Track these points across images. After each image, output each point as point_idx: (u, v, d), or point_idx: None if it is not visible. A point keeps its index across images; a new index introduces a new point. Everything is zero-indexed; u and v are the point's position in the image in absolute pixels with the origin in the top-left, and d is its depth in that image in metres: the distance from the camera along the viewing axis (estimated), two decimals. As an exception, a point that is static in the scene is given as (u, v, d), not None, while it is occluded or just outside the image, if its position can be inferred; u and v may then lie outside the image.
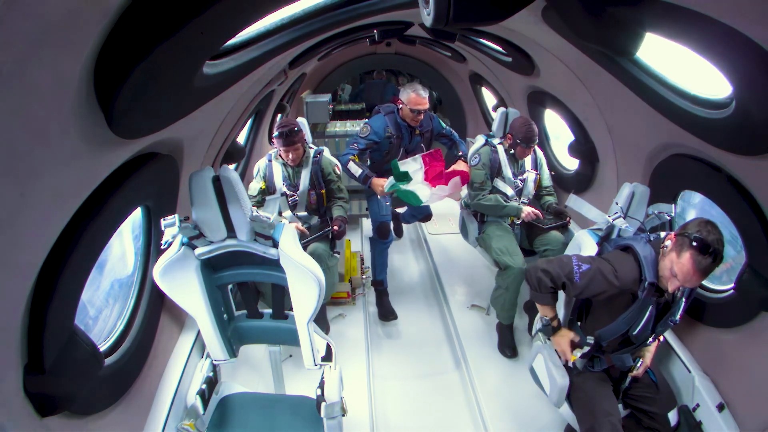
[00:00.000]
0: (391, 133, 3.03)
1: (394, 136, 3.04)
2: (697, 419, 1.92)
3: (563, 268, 1.78)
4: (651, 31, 1.40)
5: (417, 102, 2.91)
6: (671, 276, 1.61)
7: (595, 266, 1.74)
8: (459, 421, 2.59)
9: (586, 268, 1.74)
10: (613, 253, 1.84)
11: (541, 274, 1.82)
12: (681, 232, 1.60)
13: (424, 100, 2.91)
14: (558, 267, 1.80)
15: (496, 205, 2.88)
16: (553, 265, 1.81)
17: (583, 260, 1.79)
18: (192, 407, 1.83)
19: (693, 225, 1.59)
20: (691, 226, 1.59)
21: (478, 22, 1.87)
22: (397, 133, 3.05)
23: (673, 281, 1.61)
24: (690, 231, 1.57)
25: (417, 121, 2.99)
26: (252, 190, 2.82)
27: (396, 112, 3.05)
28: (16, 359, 1.08)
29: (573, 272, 1.75)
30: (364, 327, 3.21)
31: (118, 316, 1.74)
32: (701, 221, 1.59)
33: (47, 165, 0.93)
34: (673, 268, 1.59)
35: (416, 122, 2.99)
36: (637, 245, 1.75)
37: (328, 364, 1.90)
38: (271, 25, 1.54)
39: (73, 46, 0.79)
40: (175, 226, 1.56)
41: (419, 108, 2.92)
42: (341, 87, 7.95)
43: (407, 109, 2.96)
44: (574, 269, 1.75)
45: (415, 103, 2.91)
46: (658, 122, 1.89)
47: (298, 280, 1.69)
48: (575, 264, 1.76)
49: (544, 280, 1.81)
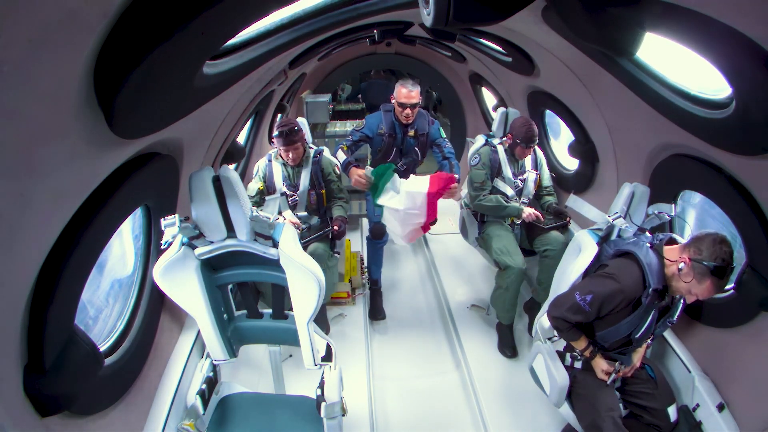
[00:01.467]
0: (384, 130, 3.03)
1: (386, 134, 3.04)
2: (697, 419, 1.92)
3: (570, 308, 1.79)
4: (651, 31, 1.40)
5: (404, 96, 2.89)
6: (689, 294, 1.63)
7: (598, 291, 1.74)
8: (459, 421, 2.59)
9: (590, 298, 1.74)
10: (613, 262, 1.83)
11: (553, 322, 1.87)
12: (696, 257, 1.57)
13: (412, 94, 2.89)
14: (565, 310, 1.81)
15: (497, 206, 2.87)
16: (560, 310, 1.83)
17: (583, 290, 1.78)
18: (192, 407, 1.83)
19: (707, 248, 1.56)
20: (704, 249, 1.56)
21: (478, 22, 1.87)
22: (389, 131, 3.04)
23: (690, 297, 1.65)
24: (705, 257, 1.55)
25: (406, 117, 2.95)
26: (250, 190, 2.82)
27: (393, 111, 3.05)
28: (16, 359, 1.08)
29: (580, 307, 1.76)
30: (364, 327, 3.21)
31: (118, 316, 1.74)
32: (714, 241, 1.56)
33: (47, 165, 0.93)
34: (692, 290, 1.61)
35: (406, 118, 2.96)
36: (639, 251, 1.74)
37: (328, 364, 1.90)
38: (271, 25, 1.54)
39: (73, 46, 0.79)
40: (175, 226, 1.56)
41: (406, 102, 2.89)
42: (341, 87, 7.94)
43: (396, 104, 2.96)
44: (580, 304, 1.76)
45: (401, 97, 2.90)
46: (658, 122, 1.89)
47: (298, 280, 1.69)
48: (579, 299, 1.77)
49: (561, 325, 1.84)
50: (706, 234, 1.60)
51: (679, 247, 1.69)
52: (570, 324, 1.83)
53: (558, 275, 2.09)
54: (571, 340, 1.90)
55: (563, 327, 1.84)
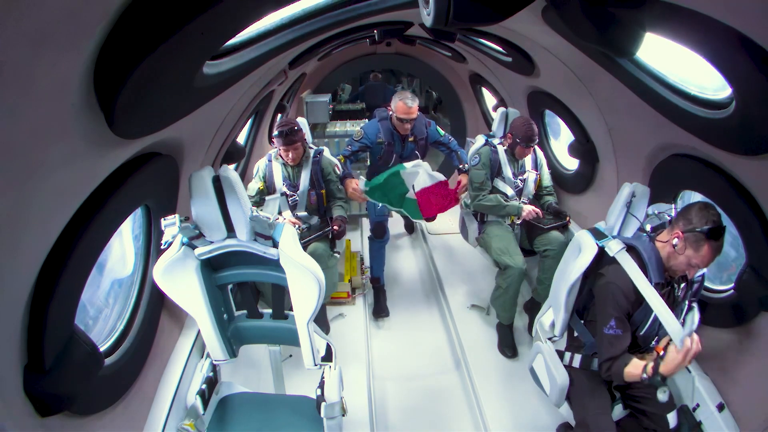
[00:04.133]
0: (383, 140, 3.06)
1: (386, 143, 3.06)
2: (697, 419, 1.92)
3: (609, 343, 1.72)
4: (651, 31, 1.39)
5: (403, 111, 2.93)
6: (690, 267, 1.64)
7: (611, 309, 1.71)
8: (459, 421, 2.59)
9: (614, 322, 1.71)
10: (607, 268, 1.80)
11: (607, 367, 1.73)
12: (687, 228, 1.60)
13: (411, 110, 2.93)
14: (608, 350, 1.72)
15: (497, 205, 2.88)
16: (606, 353, 1.73)
17: (603, 321, 1.73)
18: (192, 407, 1.83)
19: (695, 215, 1.59)
20: (693, 216, 1.59)
21: (478, 22, 1.87)
22: (388, 139, 3.07)
23: (692, 270, 1.65)
24: (696, 223, 1.57)
25: (405, 129, 3.00)
26: (250, 190, 2.82)
27: (389, 119, 3.07)
28: (16, 359, 1.08)
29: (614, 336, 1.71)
30: (364, 327, 3.22)
31: (118, 316, 1.74)
32: (700, 207, 1.59)
33: (47, 165, 0.93)
34: (691, 261, 1.61)
35: (405, 131, 3.01)
36: (641, 245, 1.75)
37: (328, 364, 1.90)
38: (271, 25, 1.54)
39: (73, 46, 0.79)
40: (175, 226, 1.56)
41: (406, 117, 2.94)
42: (341, 87, 7.94)
43: (395, 118, 3.00)
44: (611, 334, 1.71)
45: (401, 112, 2.94)
46: (658, 122, 1.89)
47: (298, 280, 1.69)
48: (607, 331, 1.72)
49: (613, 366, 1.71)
50: (689, 205, 1.64)
51: (667, 228, 1.71)
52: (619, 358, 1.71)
53: (558, 275, 2.08)
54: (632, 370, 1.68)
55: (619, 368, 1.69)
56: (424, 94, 8.96)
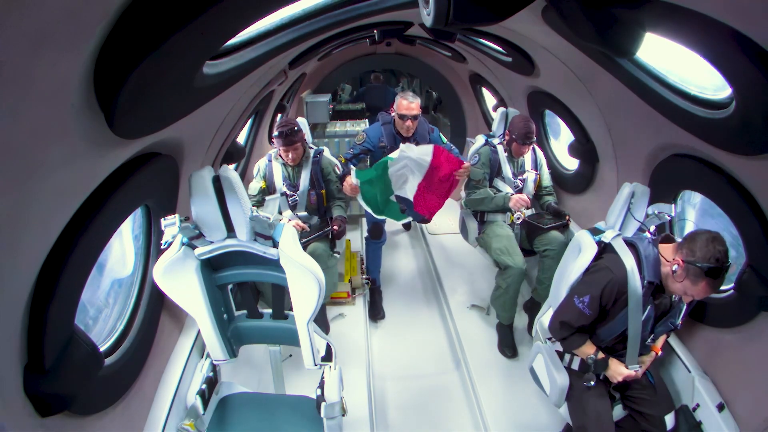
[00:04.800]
0: (385, 144, 3.06)
1: (388, 147, 3.06)
2: (697, 419, 1.92)
3: (571, 312, 1.78)
4: (651, 31, 1.39)
5: (404, 107, 2.93)
6: (685, 295, 1.63)
7: (594, 290, 1.74)
8: (459, 421, 2.59)
9: (588, 299, 1.74)
10: (608, 255, 1.83)
11: (557, 327, 1.84)
12: (689, 259, 1.55)
13: (412, 106, 2.93)
14: (567, 314, 1.80)
15: (486, 197, 2.90)
16: (563, 315, 1.82)
17: (580, 292, 1.78)
18: (192, 407, 1.83)
19: (699, 249, 1.53)
20: (697, 250, 1.54)
21: (478, 22, 1.87)
22: (390, 144, 3.07)
23: (686, 297, 1.65)
24: (699, 257, 1.52)
25: (407, 129, 2.99)
26: (252, 189, 2.82)
27: (392, 123, 3.07)
28: (16, 359, 1.08)
29: (580, 311, 1.75)
30: (364, 327, 3.21)
31: (118, 316, 1.74)
32: (707, 241, 1.53)
33: (47, 165, 0.93)
34: (687, 291, 1.60)
35: (407, 131, 3.00)
36: (641, 244, 1.75)
37: (328, 364, 1.90)
38: (271, 25, 1.54)
39: (73, 47, 0.79)
40: (175, 226, 1.56)
41: (407, 113, 2.93)
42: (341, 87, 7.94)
43: (396, 115, 2.99)
44: (579, 307, 1.75)
45: (402, 108, 2.93)
46: (658, 122, 1.89)
47: (298, 280, 1.69)
48: (577, 302, 1.76)
49: (563, 331, 1.83)
50: (698, 233, 1.59)
51: (674, 246, 1.69)
52: (574, 329, 1.81)
53: (558, 275, 2.08)
54: (577, 347, 1.87)
55: (566, 332, 1.82)
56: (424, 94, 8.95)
